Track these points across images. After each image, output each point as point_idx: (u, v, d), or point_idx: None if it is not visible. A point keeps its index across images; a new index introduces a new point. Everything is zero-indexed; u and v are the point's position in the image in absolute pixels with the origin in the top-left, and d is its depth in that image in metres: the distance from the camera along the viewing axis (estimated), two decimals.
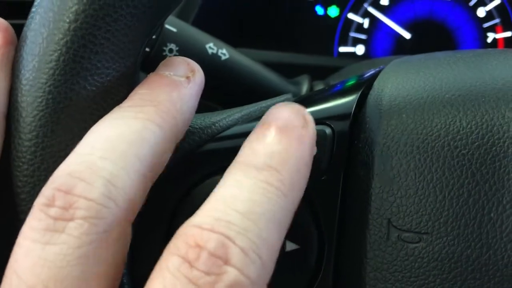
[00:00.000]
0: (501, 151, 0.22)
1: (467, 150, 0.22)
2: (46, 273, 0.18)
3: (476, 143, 0.22)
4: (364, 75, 0.28)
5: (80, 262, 0.18)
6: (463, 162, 0.22)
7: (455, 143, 0.22)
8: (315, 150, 0.22)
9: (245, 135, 0.24)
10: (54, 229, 0.18)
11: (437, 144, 0.22)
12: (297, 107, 0.22)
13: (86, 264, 0.18)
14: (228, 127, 0.24)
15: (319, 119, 0.24)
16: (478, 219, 0.21)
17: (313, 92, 0.44)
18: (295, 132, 0.21)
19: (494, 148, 0.22)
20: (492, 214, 0.21)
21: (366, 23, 0.65)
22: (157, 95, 0.22)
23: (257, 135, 0.21)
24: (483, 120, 0.22)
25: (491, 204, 0.21)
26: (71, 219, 0.18)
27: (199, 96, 0.23)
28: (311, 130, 0.21)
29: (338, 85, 0.28)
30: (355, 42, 0.66)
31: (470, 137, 0.22)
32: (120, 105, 0.22)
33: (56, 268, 0.18)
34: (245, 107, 0.26)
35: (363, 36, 0.66)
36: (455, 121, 0.23)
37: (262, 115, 0.25)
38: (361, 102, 0.25)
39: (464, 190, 0.22)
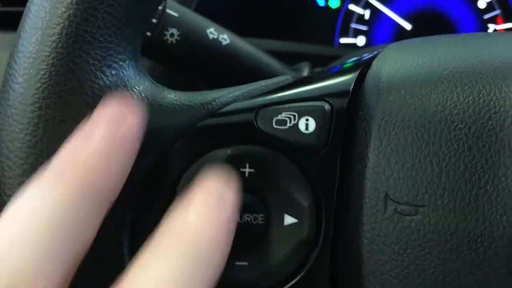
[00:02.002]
0: (498, 125, 0.22)
1: (464, 124, 0.22)
2: None
3: (473, 118, 0.22)
4: (363, 57, 0.28)
5: None
6: (460, 136, 0.22)
7: (452, 118, 0.22)
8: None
9: (244, 111, 0.24)
10: None
11: (434, 119, 0.23)
12: (219, 172, 0.21)
13: None
14: (228, 104, 0.25)
15: (318, 96, 0.24)
16: (474, 192, 0.22)
17: (313, 73, 0.45)
18: (215, 200, 0.21)
19: (490, 122, 0.22)
20: (488, 187, 0.22)
21: (367, 14, 0.66)
22: (67, 164, 0.20)
23: (175, 204, 0.21)
24: (480, 95, 0.22)
25: (487, 177, 0.22)
26: None
27: (135, 151, 0.21)
28: (231, 197, 0.21)
29: (337, 66, 0.28)
30: (356, 33, 0.66)
31: (467, 112, 0.22)
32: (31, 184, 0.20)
33: None
34: (245, 85, 0.26)
35: (364, 27, 0.66)
36: (452, 96, 0.23)
37: (262, 93, 0.25)
38: (360, 81, 0.25)
39: (461, 164, 0.22)
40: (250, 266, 0.24)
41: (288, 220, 0.24)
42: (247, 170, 0.24)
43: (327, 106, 0.24)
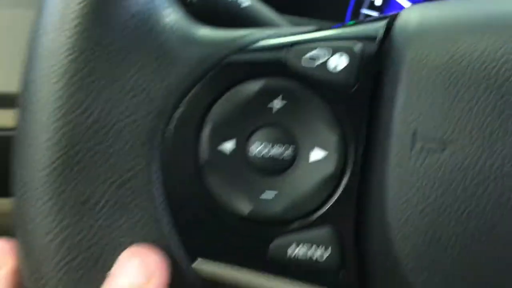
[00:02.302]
0: None
1: (494, 64, 0.23)
2: None
3: (504, 58, 0.23)
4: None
5: None
6: (490, 75, 0.23)
7: (483, 58, 0.23)
8: None
9: (275, 47, 0.25)
10: None
11: (464, 59, 0.23)
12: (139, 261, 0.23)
13: None
14: (259, 40, 0.25)
15: (349, 37, 0.25)
16: (502, 129, 0.22)
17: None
18: None
19: None
20: None
21: (378, 0, 0.66)
22: None
23: None
24: (510, 36, 0.23)
25: None
26: None
27: None
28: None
29: (364, 20, 0.29)
30: None
31: (498, 52, 0.23)
32: None
33: None
34: (273, 28, 0.27)
35: (375, 13, 0.66)
36: (483, 39, 0.23)
37: (292, 33, 0.25)
38: (389, 29, 0.25)
39: (490, 102, 0.22)
40: (277, 197, 0.24)
41: (316, 155, 0.24)
42: (277, 104, 0.24)
43: (357, 47, 0.24)
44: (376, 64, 0.24)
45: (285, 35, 0.25)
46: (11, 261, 0.24)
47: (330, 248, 0.24)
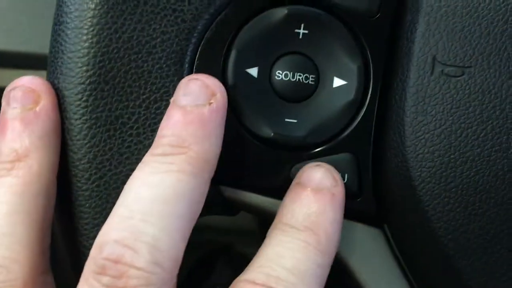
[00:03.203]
0: None
1: None
2: None
3: None
4: None
5: None
6: (509, 1, 0.23)
7: None
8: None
9: None
10: None
11: None
12: (327, 167, 0.24)
13: None
14: None
15: None
16: None
17: None
18: (328, 192, 0.24)
19: None
20: None
21: None
22: (184, 139, 0.22)
23: (294, 197, 0.24)
24: None
25: None
26: (124, 287, 0.20)
27: (225, 120, 0.24)
28: (341, 188, 0.24)
29: None
30: None
31: None
32: (151, 153, 0.23)
33: None
34: None
35: None
36: None
37: None
38: None
39: (508, 27, 0.23)
40: (299, 123, 0.25)
41: (337, 82, 0.25)
42: (301, 31, 0.25)
43: None
44: None
45: None
46: (49, 96, 0.24)
47: (347, 175, 0.25)
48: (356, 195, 0.25)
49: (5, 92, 0.24)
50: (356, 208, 0.25)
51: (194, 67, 0.24)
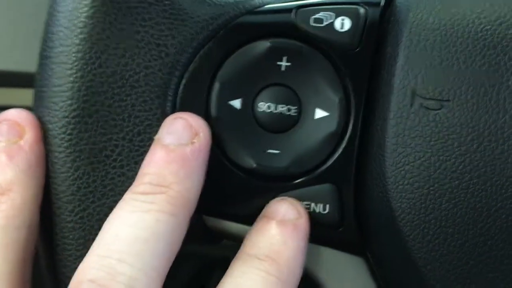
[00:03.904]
0: None
1: (490, 26, 0.24)
2: None
3: (499, 20, 0.24)
4: None
5: None
6: (486, 37, 0.24)
7: (479, 20, 0.24)
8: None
9: (284, 9, 0.26)
10: None
11: (462, 22, 0.24)
12: (291, 201, 0.25)
13: None
14: (268, 4, 0.26)
15: (354, 2, 0.26)
16: (497, 87, 0.23)
17: None
18: (291, 224, 0.24)
19: None
20: (510, 82, 0.23)
21: None
22: (165, 178, 0.23)
23: (258, 229, 0.24)
24: (506, 1, 0.24)
25: (509, 73, 0.23)
26: None
27: (207, 159, 0.24)
28: (304, 219, 0.25)
29: None
30: None
31: (494, 15, 0.24)
32: (133, 191, 0.23)
33: None
34: None
35: None
36: (480, 2, 0.24)
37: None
38: None
39: (485, 61, 0.24)
40: (282, 154, 0.25)
41: (320, 113, 0.25)
42: (284, 63, 0.25)
43: (361, 10, 0.26)
44: (379, 27, 0.25)
45: (291, 0, 0.27)
46: (34, 129, 0.24)
47: (329, 205, 0.25)
48: (338, 224, 0.26)
49: None
50: (338, 237, 0.26)
51: (178, 100, 0.25)
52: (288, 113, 0.25)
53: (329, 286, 0.26)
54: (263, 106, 0.25)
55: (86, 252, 0.22)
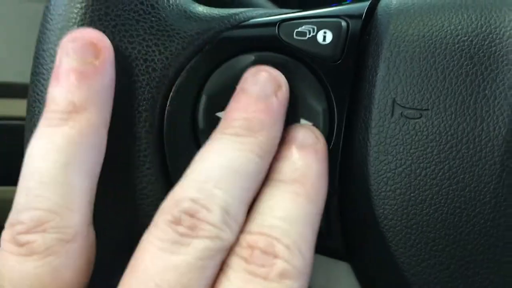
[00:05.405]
0: (497, 38, 0.24)
1: (467, 37, 0.25)
2: (173, 278, 0.22)
3: (476, 31, 0.25)
4: None
5: (201, 270, 0.22)
6: (463, 47, 0.25)
7: (457, 32, 0.25)
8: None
9: (267, 23, 0.27)
10: (181, 243, 0.22)
11: (440, 33, 0.25)
12: (307, 126, 0.26)
13: (204, 272, 0.22)
14: (252, 18, 0.27)
15: (336, 15, 0.27)
16: (474, 96, 0.24)
17: None
18: (312, 148, 0.25)
19: (491, 36, 0.24)
20: (486, 91, 0.24)
21: None
22: (254, 125, 0.24)
23: (281, 155, 0.25)
24: (482, 13, 0.25)
25: (486, 82, 0.24)
26: (196, 237, 0.22)
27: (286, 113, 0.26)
28: (323, 144, 0.26)
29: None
30: None
31: (470, 27, 0.25)
32: (223, 131, 0.25)
33: (181, 274, 0.22)
34: (267, 9, 0.29)
35: None
36: (458, 15, 0.25)
37: (283, 13, 0.28)
38: (373, 8, 0.28)
39: (463, 71, 0.24)
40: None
41: (303, 123, 0.26)
42: None
43: (343, 23, 0.26)
44: (361, 39, 0.26)
45: (274, 14, 0.28)
46: (109, 51, 0.25)
47: None
48: (325, 233, 0.26)
49: (62, 43, 0.24)
50: (325, 244, 0.27)
51: (166, 113, 0.26)
52: None
53: None
54: None
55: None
